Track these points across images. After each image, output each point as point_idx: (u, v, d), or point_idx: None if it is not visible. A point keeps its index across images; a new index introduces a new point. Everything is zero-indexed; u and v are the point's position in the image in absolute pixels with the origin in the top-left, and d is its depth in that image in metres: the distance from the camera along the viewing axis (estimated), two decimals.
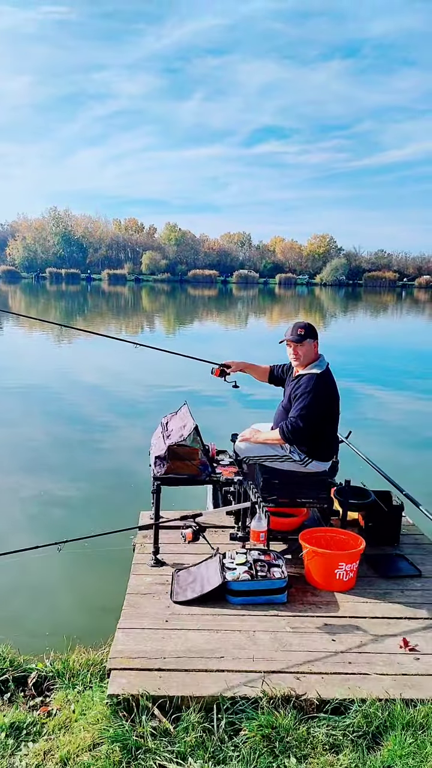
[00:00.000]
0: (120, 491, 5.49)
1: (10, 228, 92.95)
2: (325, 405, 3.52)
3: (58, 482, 6.02)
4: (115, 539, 3.89)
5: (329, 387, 3.56)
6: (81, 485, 5.93)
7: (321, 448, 3.59)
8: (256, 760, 2.14)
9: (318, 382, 3.49)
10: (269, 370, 4.03)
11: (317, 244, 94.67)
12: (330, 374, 3.62)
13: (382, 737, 2.24)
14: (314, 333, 3.62)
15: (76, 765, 2.17)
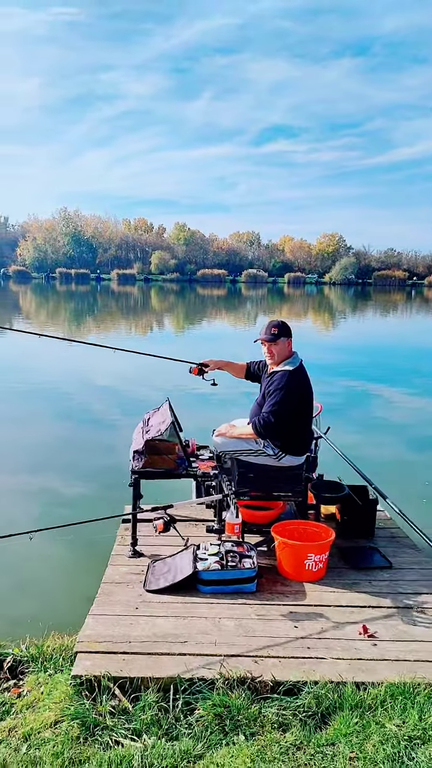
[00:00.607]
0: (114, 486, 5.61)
1: (21, 229, 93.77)
2: (297, 401, 3.61)
3: (55, 477, 6.16)
4: (101, 531, 4.05)
5: (301, 384, 3.65)
6: (78, 480, 6.08)
7: (294, 443, 3.68)
8: (207, 737, 2.24)
9: (290, 379, 3.59)
10: (246, 367, 4.12)
11: (326, 243, 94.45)
12: (303, 371, 3.70)
13: (330, 717, 2.34)
14: (288, 331, 3.71)
15: (36, 740, 2.29)
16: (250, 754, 2.14)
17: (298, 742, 2.20)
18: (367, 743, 2.18)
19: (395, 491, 4.33)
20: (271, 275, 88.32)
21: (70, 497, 5.63)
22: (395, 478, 6.21)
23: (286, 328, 3.71)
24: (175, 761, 2.12)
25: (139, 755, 2.14)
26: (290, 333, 3.74)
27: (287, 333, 3.71)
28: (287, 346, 3.72)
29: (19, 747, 2.26)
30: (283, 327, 3.70)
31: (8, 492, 5.78)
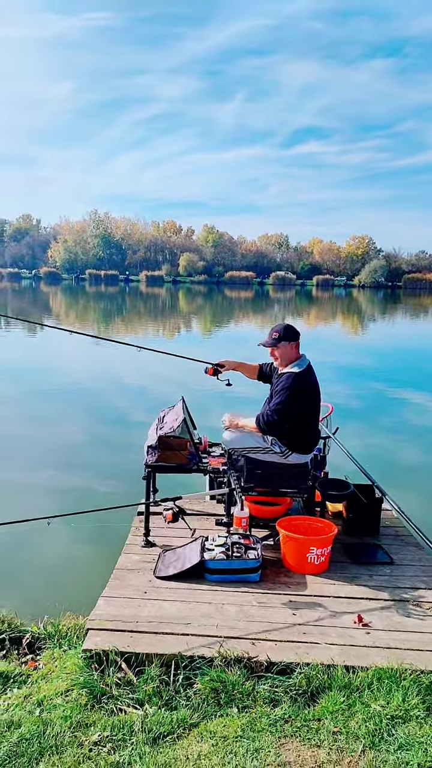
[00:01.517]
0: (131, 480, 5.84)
1: (53, 231, 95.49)
2: (301, 402, 3.76)
3: (77, 471, 6.44)
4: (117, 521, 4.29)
5: (306, 385, 3.80)
6: (97, 474, 6.35)
7: (300, 441, 3.84)
8: (203, 708, 2.43)
9: (295, 381, 3.75)
10: (258, 368, 4.29)
11: (356, 246, 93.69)
12: (309, 373, 3.85)
13: (319, 696, 2.50)
14: (290, 335, 3.86)
15: (48, 705, 2.51)
16: (242, 724, 2.32)
17: (287, 716, 2.37)
18: (351, 720, 2.34)
19: (404, 492, 4.46)
20: (299, 278, 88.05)
21: (88, 489, 5.89)
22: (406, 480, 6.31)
23: (289, 332, 3.86)
24: (172, 728, 2.31)
25: (140, 721, 2.35)
26: (294, 336, 3.88)
27: (289, 337, 3.85)
28: (291, 349, 3.87)
29: (33, 710, 2.48)
30: (286, 331, 3.85)
31: (31, 484, 6.07)
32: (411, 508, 4.18)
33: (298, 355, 3.91)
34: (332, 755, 2.16)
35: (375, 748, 2.19)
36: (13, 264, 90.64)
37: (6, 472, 6.43)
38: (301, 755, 2.16)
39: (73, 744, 2.24)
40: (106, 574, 3.52)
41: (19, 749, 2.22)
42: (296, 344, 3.89)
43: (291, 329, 3.88)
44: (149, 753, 2.18)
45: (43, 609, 3.51)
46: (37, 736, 2.29)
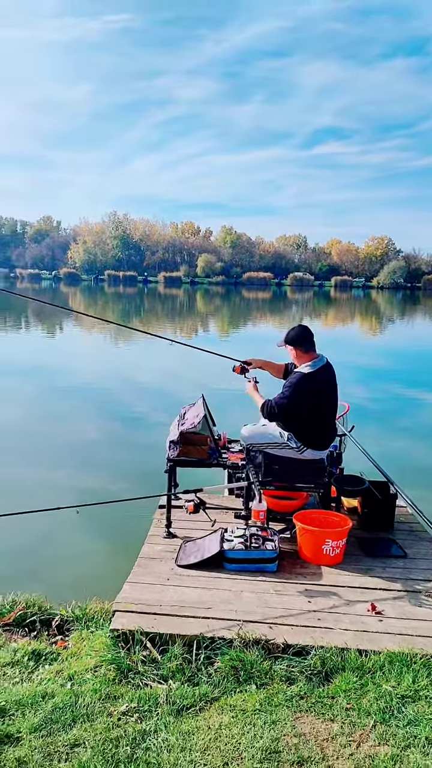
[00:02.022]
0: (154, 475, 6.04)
1: (73, 232, 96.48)
2: (307, 400, 3.89)
3: (102, 467, 6.65)
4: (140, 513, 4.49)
5: (315, 385, 3.93)
6: (122, 469, 6.55)
7: (314, 438, 3.98)
8: (223, 685, 2.59)
9: (301, 380, 3.92)
10: (284, 367, 4.44)
11: (375, 246, 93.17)
12: (322, 373, 3.97)
13: (332, 676, 2.64)
14: (293, 339, 4.03)
15: (79, 680, 2.69)
16: (260, 699, 2.47)
17: (302, 693, 2.52)
18: (363, 698, 2.48)
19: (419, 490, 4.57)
20: (317, 279, 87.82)
21: (110, 485, 6.08)
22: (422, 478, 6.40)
23: (291, 337, 4.04)
24: (195, 701, 2.48)
25: (165, 694, 2.51)
26: (297, 341, 4.02)
27: (290, 341, 4.04)
28: (292, 352, 4.07)
29: (65, 684, 2.66)
30: (288, 334, 4.06)
31: (54, 480, 6.30)
32: (426, 505, 4.29)
33: (309, 356, 4.02)
34: (345, 728, 2.30)
35: (385, 723, 2.33)
36: (33, 265, 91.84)
37: (30, 469, 6.66)
38: (316, 728, 2.31)
39: (103, 713, 2.41)
40: (130, 563, 3.69)
41: (53, 716, 2.40)
42: (297, 348, 4.02)
43: (291, 334, 4.04)
44: (173, 723, 2.35)
45: (70, 594, 3.70)
46: (70, 705, 2.47)
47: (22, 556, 4.60)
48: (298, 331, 4.05)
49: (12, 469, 6.60)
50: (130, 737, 2.26)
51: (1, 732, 2.32)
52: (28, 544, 4.75)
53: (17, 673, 2.81)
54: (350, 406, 5.14)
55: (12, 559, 4.51)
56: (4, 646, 3.07)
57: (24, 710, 2.46)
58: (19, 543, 4.72)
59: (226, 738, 2.25)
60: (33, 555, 4.63)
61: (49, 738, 2.28)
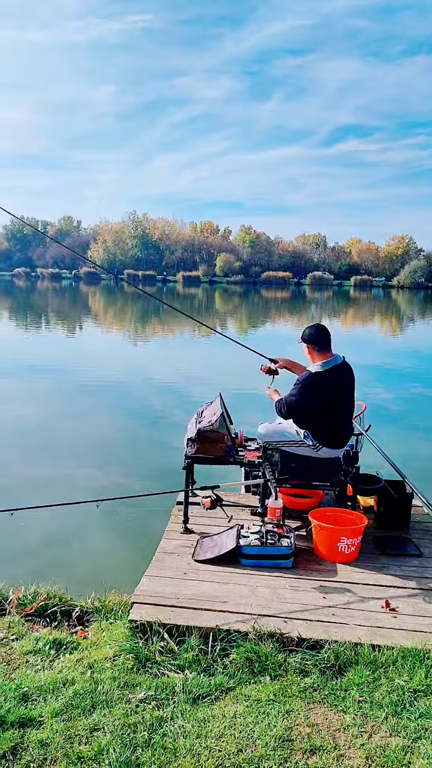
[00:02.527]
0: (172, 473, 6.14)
1: (93, 232, 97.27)
2: (316, 397, 3.93)
3: (124, 468, 6.76)
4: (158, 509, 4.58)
5: (324, 384, 3.96)
6: (141, 465, 6.65)
7: (330, 436, 4.02)
8: (238, 676, 2.66)
9: (308, 378, 3.98)
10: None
11: (395, 245, 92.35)
12: (334, 373, 3.99)
13: (346, 670, 2.69)
14: (305, 338, 4.08)
15: (98, 668, 2.78)
16: (274, 690, 2.53)
17: (315, 685, 2.57)
18: (376, 692, 2.52)
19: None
20: (337, 278, 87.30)
21: (129, 482, 6.19)
22: None
23: (304, 335, 4.09)
24: (210, 690, 2.55)
25: (181, 684, 2.59)
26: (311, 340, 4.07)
27: (305, 339, 4.09)
28: (305, 350, 4.13)
29: (84, 672, 2.75)
30: (303, 333, 4.11)
31: (74, 476, 6.42)
32: None
33: (323, 356, 4.04)
34: (357, 720, 2.35)
35: (397, 715, 2.37)
36: (54, 264, 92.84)
37: (51, 464, 6.80)
38: (328, 718, 2.36)
39: (122, 700, 2.50)
40: (147, 558, 3.77)
41: (73, 702, 2.49)
42: (312, 347, 4.07)
43: (307, 333, 4.09)
44: (189, 710, 2.42)
45: (90, 586, 3.80)
46: (90, 692, 2.56)
47: (43, 548, 4.72)
48: (314, 330, 4.09)
49: (34, 465, 6.75)
50: (148, 723, 2.34)
51: (24, 716, 2.41)
52: (50, 537, 4.87)
53: (39, 660, 2.91)
54: (368, 405, 5.16)
55: (34, 552, 4.64)
56: (26, 635, 3.18)
57: (46, 696, 2.55)
58: (40, 536, 4.85)
59: (240, 726, 2.31)
60: (54, 548, 4.75)
61: (70, 722, 2.37)
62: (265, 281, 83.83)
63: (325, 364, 4.01)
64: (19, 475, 6.44)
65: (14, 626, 3.24)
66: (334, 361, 4.04)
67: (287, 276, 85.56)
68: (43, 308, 34.93)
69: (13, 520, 3.35)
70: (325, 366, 4.00)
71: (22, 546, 4.72)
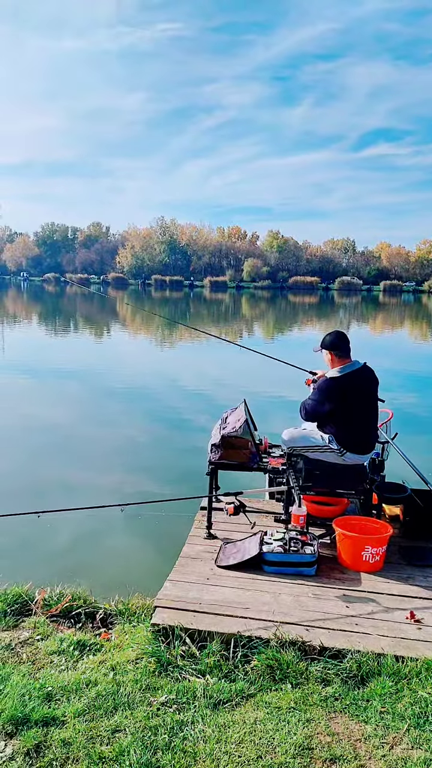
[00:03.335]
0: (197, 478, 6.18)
1: (121, 237, 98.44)
2: (333, 402, 3.97)
3: (148, 473, 6.83)
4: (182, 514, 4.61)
5: (343, 388, 3.98)
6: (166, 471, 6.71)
7: (353, 441, 4.00)
8: (259, 682, 2.66)
9: (325, 384, 4.02)
10: None
11: (427, 250, 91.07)
12: (352, 378, 4.00)
13: (368, 680, 2.67)
14: (326, 344, 4.12)
15: (121, 670, 2.81)
16: (295, 698, 2.53)
17: (337, 695, 2.56)
18: (398, 703, 2.50)
19: None
20: (366, 283, 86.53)
21: (153, 487, 6.24)
22: None
23: (325, 342, 4.13)
24: (231, 696, 2.55)
25: (202, 688, 2.60)
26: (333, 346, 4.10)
27: (327, 345, 4.12)
28: (326, 356, 4.15)
29: (107, 673, 2.79)
30: (323, 340, 4.15)
31: (99, 482, 6.50)
32: None
33: (342, 361, 4.05)
34: (378, 731, 2.33)
35: (419, 728, 2.34)
36: (83, 270, 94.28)
37: (77, 468, 6.90)
38: (349, 728, 2.35)
39: (143, 702, 2.52)
40: (171, 562, 3.80)
41: (96, 703, 2.52)
42: (334, 353, 4.09)
43: (328, 339, 4.12)
44: (210, 715, 2.43)
45: (114, 589, 3.84)
46: (112, 693, 2.59)
47: (69, 551, 4.79)
48: (334, 336, 4.13)
49: (61, 468, 6.86)
50: (168, 726, 2.36)
51: (47, 715, 2.46)
52: (75, 540, 4.94)
53: (63, 661, 2.96)
54: (395, 413, 5.11)
55: (60, 554, 4.72)
56: (51, 635, 3.23)
57: (69, 696, 2.59)
58: (66, 539, 4.93)
59: (260, 732, 2.31)
60: (79, 551, 4.82)
61: (92, 723, 2.40)
62: (292, 286, 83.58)
63: (343, 370, 4.02)
64: (45, 478, 6.56)
65: (39, 627, 3.30)
66: (352, 367, 4.04)
67: (315, 281, 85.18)
68: (72, 312, 35.49)
69: (40, 522, 3.42)
70: (343, 371, 4.01)
71: (48, 548, 4.81)
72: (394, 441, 4.82)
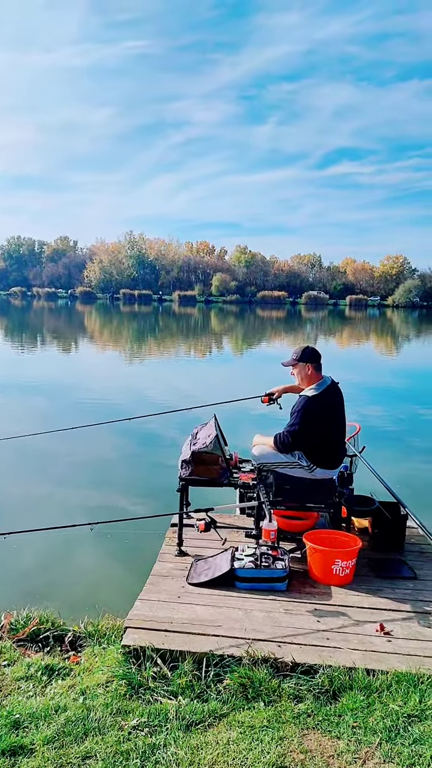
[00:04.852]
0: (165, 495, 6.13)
1: (89, 251, 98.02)
2: (314, 421, 3.98)
3: (118, 489, 6.74)
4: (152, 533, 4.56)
5: (322, 407, 4.02)
6: (134, 488, 6.63)
7: (324, 457, 4.05)
8: (232, 702, 2.64)
9: (307, 403, 4.01)
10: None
11: (390, 265, 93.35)
12: (327, 395, 4.05)
13: (340, 695, 2.67)
14: (308, 356, 4.13)
15: (91, 694, 2.75)
16: (267, 716, 2.51)
17: (310, 711, 2.56)
18: (370, 717, 2.51)
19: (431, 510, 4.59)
20: (332, 297, 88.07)
21: (123, 504, 6.17)
22: None
23: (307, 354, 4.14)
24: (204, 717, 2.53)
25: (174, 710, 2.56)
26: (311, 358, 4.14)
27: (306, 358, 4.13)
28: (307, 370, 4.15)
29: (77, 698, 2.73)
30: (303, 353, 4.15)
31: (67, 499, 6.40)
32: None
33: (317, 377, 4.12)
34: (351, 746, 2.34)
35: (391, 741, 2.35)
36: (50, 284, 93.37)
37: (43, 486, 6.78)
38: (322, 744, 2.35)
39: (114, 727, 2.47)
40: (141, 581, 3.75)
41: (65, 729, 2.46)
42: (314, 365, 4.13)
43: (309, 351, 4.15)
44: (182, 737, 2.40)
45: (83, 610, 3.77)
46: (82, 719, 2.53)
47: (36, 572, 4.68)
48: (312, 349, 4.17)
49: (26, 487, 6.72)
50: (140, 751, 2.32)
51: (15, 743, 2.38)
52: (42, 561, 4.84)
53: (31, 687, 2.88)
54: (362, 426, 5.19)
55: (26, 576, 4.60)
56: (18, 660, 3.15)
57: (37, 723, 2.52)
58: (33, 560, 4.82)
59: (233, 753, 2.29)
60: (46, 572, 4.71)
61: (62, 750, 2.34)
62: (260, 301, 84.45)
63: (319, 387, 4.06)
64: (11, 497, 6.42)
65: (6, 652, 3.21)
66: (326, 383, 4.10)
67: (283, 295, 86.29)
68: (39, 326, 35.03)
69: (6, 543, 3.34)
70: (320, 388, 4.06)
71: (14, 570, 4.69)
72: (362, 454, 4.90)
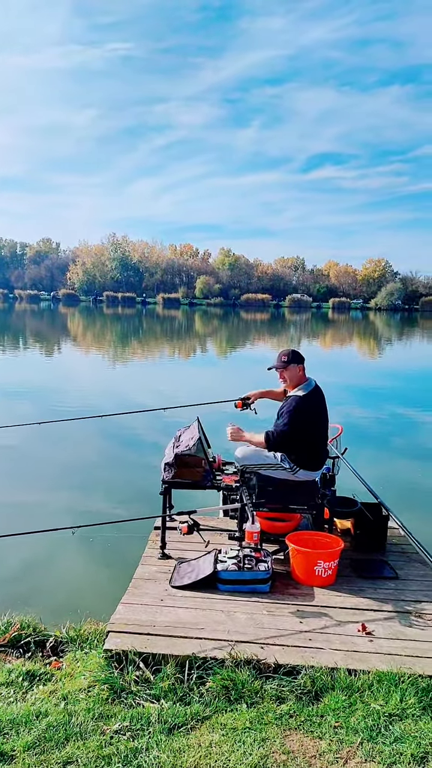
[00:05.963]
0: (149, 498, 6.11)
1: (72, 254, 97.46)
2: (306, 422, 4.00)
3: (101, 492, 6.70)
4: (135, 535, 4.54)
5: (311, 407, 4.05)
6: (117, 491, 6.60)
7: (307, 458, 4.07)
8: (215, 704, 2.64)
9: (299, 404, 4.02)
10: (284, 391, 4.53)
11: (372, 269, 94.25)
12: (314, 396, 4.09)
13: (322, 695, 2.69)
14: (297, 358, 4.15)
15: (73, 699, 2.73)
16: (250, 717, 2.52)
17: (292, 712, 2.57)
18: (351, 717, 2.53)
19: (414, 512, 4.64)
20: (315, 300, 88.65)
21: (106, 507, 6.13)
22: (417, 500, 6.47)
23: (296, 356, 4.17)
24: (186, 720, 2.52)
25: (157, 713, 2.56)
26: (300, 360, 4.17)
27: (297, 360, 4.15)
28: (298, 371, 4.16)
29: (58, 703, 2.70)
30: (293, 354, 4.17)
31: (49, 502, 6.34)
32: (417, 526, 4.36)
33: (304, 378, 4.17)
34: (333, 746, 2.35)
35: (372, 740, 2.37)
36: (32, 286, 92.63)
37: (25, 490, 6.71)
38: (304, 745, 2.36)
39: (96, 732, 2.46)
40: (124, 585, 3.73)
41: (47, 735, 2.44)
42: (302, 367, 4.16)
43: (297, 353, 4.17)
44: (165, 741, 2.39)
45: (65, 615, 3.74)
46: (63, 724, 2.51)
47: (16, 577, 4.63)
48: (297, 351, 4.19)
49: (7, 491, 6.65)
50: (122, 755, 2.30)
51: None
52: (23, 565, 4.79)
53: (12, 693, 2.85)
54: (344, 428, 5.23)
55: (7, 581, 4.55)
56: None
57: (18, 729, 2.50)
58: (14, 564, 4.76)
59: (216, 755, 2.29)
60: (28, 576, 4.66)
61: (43, 756, 2.32)
62: (244, 303, 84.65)
63: (306, 387, 4.10)
64: None
65: None
66: (311, 385, 4.13)
67: (266, 298, 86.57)
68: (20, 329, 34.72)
69: None
70: (307, 389, 4.09)
71: None
72: (344, 456, 4.94)
